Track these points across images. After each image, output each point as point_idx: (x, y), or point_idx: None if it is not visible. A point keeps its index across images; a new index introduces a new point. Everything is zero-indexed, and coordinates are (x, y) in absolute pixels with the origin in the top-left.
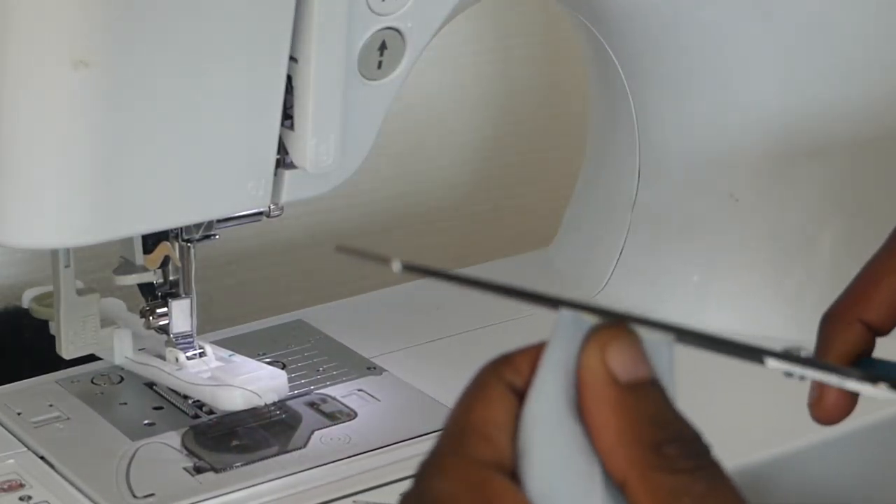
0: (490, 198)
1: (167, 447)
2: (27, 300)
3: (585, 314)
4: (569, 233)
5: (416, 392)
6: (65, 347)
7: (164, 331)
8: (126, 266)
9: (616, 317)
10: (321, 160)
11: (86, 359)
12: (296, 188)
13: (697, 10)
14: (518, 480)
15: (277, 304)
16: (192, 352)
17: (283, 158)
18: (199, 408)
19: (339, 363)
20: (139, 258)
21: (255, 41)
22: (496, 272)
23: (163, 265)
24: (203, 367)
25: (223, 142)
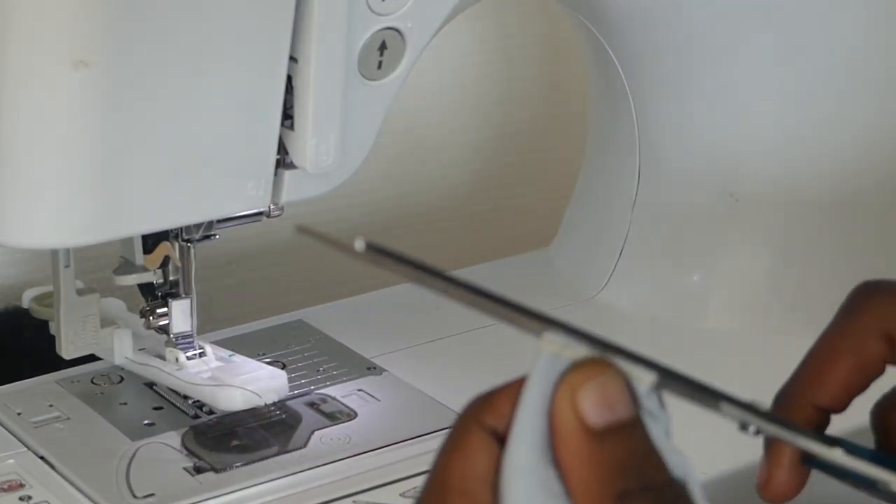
0: (490, 198)
1: (167, 447)
2: (27, 300)
3: (566, 350)
4: (569, 233)
5: (416, 392)
6: (65, 347)
7: (164, 331)
8: (126, 266)
9: (595, 346)
10: (321, 160)
11: (86, 359)
12: (296, 188)
13: (697, 11)
14: None
15: (277, 304)
16: (192, 352)
17: (283, 158)
18: (199, 408)
19: (339, 363)
20: (139, 258)
21: (255, 41)
22: (496, 272)
23: (163, 265)
24: (203, 368)
25: (223, 142)
